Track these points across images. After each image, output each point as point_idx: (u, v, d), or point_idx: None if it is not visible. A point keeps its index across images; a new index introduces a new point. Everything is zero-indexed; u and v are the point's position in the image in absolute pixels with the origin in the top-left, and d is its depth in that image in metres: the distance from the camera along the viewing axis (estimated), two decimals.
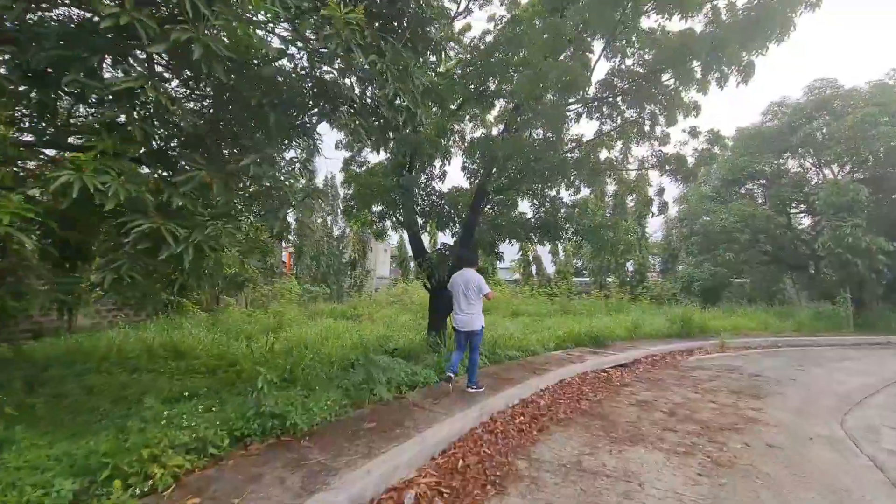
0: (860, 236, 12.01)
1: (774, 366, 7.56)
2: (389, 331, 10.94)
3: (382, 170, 8.52)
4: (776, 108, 15.96)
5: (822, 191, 13.09)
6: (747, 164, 15.53)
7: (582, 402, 5.04)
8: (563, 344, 8.53)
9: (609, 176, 7.84)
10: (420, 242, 8.49)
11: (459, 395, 4.62)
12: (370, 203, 7.97)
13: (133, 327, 9.61)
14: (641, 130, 7.28)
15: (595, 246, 6.84)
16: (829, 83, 14.48)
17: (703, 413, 4.63)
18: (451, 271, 7.82)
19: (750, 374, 6.83)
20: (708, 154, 6.86)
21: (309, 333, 10.05)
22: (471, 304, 4.91)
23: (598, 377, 6.42)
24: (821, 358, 8.57)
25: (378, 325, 12.41)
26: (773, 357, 8.60)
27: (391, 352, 7.66)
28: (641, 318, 11.21)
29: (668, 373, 6.84)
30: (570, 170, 6.35)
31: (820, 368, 7.37)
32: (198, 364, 6.27)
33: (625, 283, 25.14)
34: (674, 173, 6.89)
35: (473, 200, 7.86)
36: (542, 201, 7.87)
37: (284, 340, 9.06)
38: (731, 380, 6.35)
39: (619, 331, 9.94)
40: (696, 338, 10.39)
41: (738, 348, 9.76)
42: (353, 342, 8.55)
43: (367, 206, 8.16)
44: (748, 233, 14.53)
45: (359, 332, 10.49)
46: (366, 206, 8.26)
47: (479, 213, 8.11)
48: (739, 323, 11.94)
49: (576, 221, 6.90)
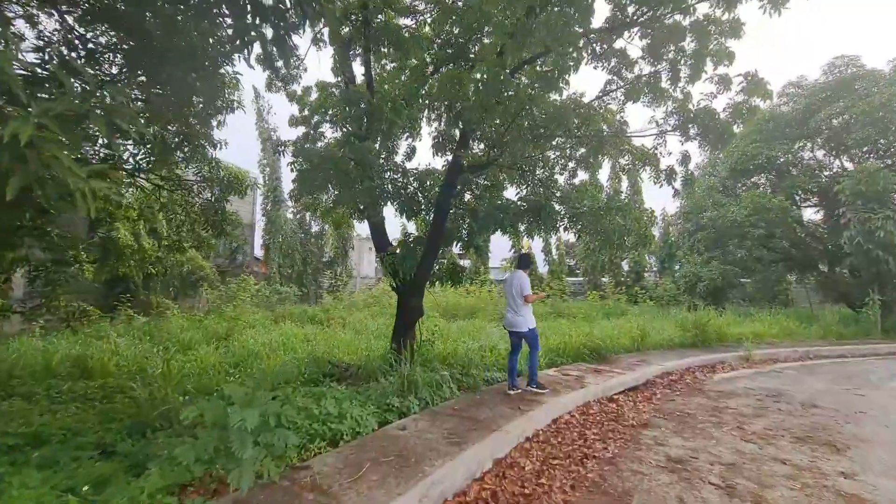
0: (893, 230, 10.53)
1: (823, 388, 5.98)
2: (358, 338, 9.28)
3: (337, 146, 6.83)
4: (792, 88, 14.48)
5: (847, 179, 11.59)
6: (759, 152, 14.03)
7: (587, 462, 3.37)
8: (557, 359, 6.87)
9: (617, 148, 6.19)
10: (382, 233, 6.81)
11: (396, 468, 2.91)
12: (313, 183, 6.22)
13: (54, 336, 7.88)
14: (657, 87, 5.65)
15: (599, 236, 5.18)
16: (851, 61, 13.00)
17: (775, 487, 2.98)
18: (420, 267, 6.16)
19: (801, 402, 5.23)
20: (746, 107, 5.22)
21: (262, 342, 8.40)
22: (516, 304, 5.01)
23: (604, 410, 4.76)
24: (869, 374, 7.02)
25: (347, 330, 10.76)
26: (813, 374, 7.03)
27: (341, 371, 5.98)
28: (647, 324, 9.61)
29: (695, 402, 5.20)
30: (571, 118, 4.66)
31: (879, 391, 5.80)
32: (102, 386, 5.05)
33: (620, 283, 23.69)
34: (702, 135, 5.25)
35: (446, 178, 6.18)
36: (531, 179, 6.21)
37: (223, 353, 7.39)
38: (782, 414, 4.73)
39: (623, 340, 8.32)
40: (714, 348, 8.81)
41: (765, 361, 8.20)
42: (304, 354, 6.89)
43: (312, 187, 6.39)
44: (763, 227, 13.02)
45: (319, 341, 8.82)
46: (311, 188, 6.48)
47: (452, 195, 6.45)
48: (759, 330, 10.40)
49: (573, 203, 5.22)
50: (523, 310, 4.98)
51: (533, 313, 5.09)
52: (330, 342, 8.63)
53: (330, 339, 9.09)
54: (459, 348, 7.01)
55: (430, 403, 4.44)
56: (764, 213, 13.13)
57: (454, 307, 16.90)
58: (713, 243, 14.28)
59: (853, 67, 12.92)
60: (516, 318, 5.00)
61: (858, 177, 11.22)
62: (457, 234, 6.48)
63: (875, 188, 10.89)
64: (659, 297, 17.71)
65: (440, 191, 6.50)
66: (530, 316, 5.01)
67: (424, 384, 4.59)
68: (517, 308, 5.00)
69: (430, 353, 6.68)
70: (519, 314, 4.98)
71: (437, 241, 6.43)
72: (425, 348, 7.04)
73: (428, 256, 6.39)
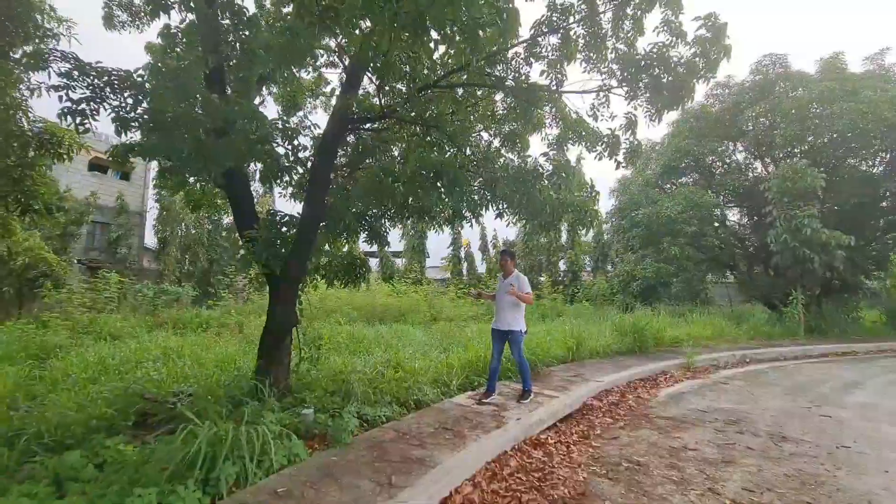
0: (818, 228, 10.42)
1: (782, 407, 5.00)
2: (247, 349, 7.13)
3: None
4: (720, 89, 14.41)
5: (774, 178, 11.44)
6: (691, 148, 13.76)
7: None
8: (474, 379, 5.32)
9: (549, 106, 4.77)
10: (248, 205, 4.93)
11: None
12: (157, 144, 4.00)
13: None
14: (597, 35, 4.31)
15: (524, 211, 3.70)
16: (777, 59, 13.04)
17: None
18: (292, 258, 4.37)
19: (767, 432, 4.11)
20: (706, 62, 4.01)
21: (93, 361, 6.09)
22: (504, 301, 4.67)
23: (525, 466, 3.24)
24: (818, 384, 6.30)
25: (239, 340, 8.54)
26: (762, 386, 6.16)
27: (166, 409, 3.94)
28: (583, 328, 8.48)
29: (645, 438, 3.87)
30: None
31: (844, 411, 4.90)
32: None
33: (558, 282, 23.24)
34: (653, 90, 3.95)
35: (325, 132, 4.45)
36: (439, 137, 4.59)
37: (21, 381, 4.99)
38: (755, 457, 3.52)
39: (556, 348, 7.04)
40: (653, 354, 7.85)
41: (707, 369, 7.33)
42: (131, 382, 4.73)
43: (156, 149, 4.17)
44: (695, 224, 12.65)
45: (187, 356, 6.59)
46: (154, 150, 4.26)
47: (332, 158, 4.72)
48: (694, 331, 9.75)
49: (488, 165, 3.67)
50: (510, 307, 4.66)
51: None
52: (198, 358, 6.46)
53: (203, 352, 6.91)
54: (359, 365, 5.31)
55: (245, 481, 2.64)
56: (696, 209, 12.79)
57: (382, 309, 15.08)
58: (647, 241, 13.79)
59: (780, 67, 12.96)
60: (505, 317, 4.71)
61: (786, 173, 11.05)
62: (344, 215, 4.69)
63: (802, 185, 10.75)
64: (594, 296, 17.17)
65: (317, 151, 4.72)
66: (517, 318, 4.68)
67: (258, 441, 2.79)
68: (504, 306, 4.70)
69: (308, 378, 4.91)
70: (506, 313, 4.70)
71: (314, 222, 4.66)
72: (303, 370, 5.24)
73: (302, 244, 4.60)
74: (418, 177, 3.76)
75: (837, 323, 11.53)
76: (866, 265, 13.11)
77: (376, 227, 5.29)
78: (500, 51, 4.40)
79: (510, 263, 4.80)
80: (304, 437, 3.47)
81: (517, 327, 4.66)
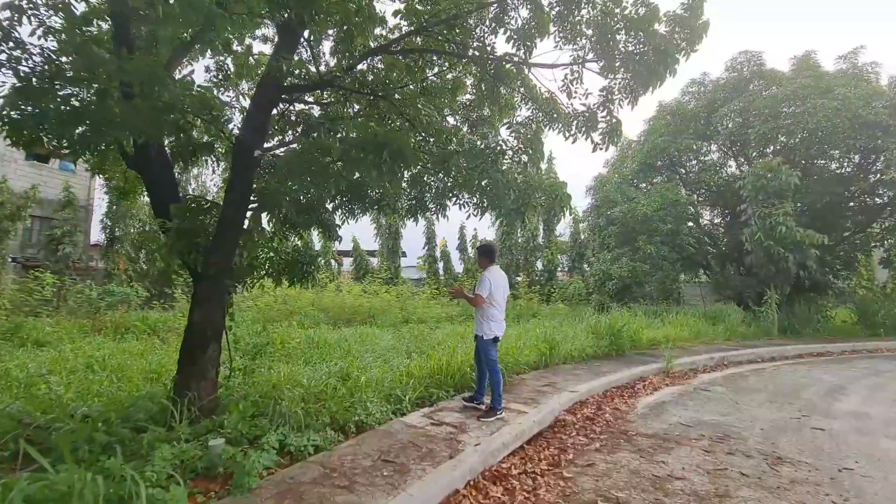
0: (793, 226, 10.26)
1: (770, 419, 4.56)
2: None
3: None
4: (696, 86, 14.26)
5: (750, 175, 11.26)
6: (668, 145, 13.53)
7: None
8: (435, 391, 4.66)
9: (518, 83, 4.16)
10: (168, 189, 4.16)
11: None
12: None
13: None
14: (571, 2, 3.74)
15: (486, 196, 3.07)
16: (752, 57, 12.93)
17: None
18: (215, 252, 3.64)
19: (760, 450, 3.62)
20: (688, 34, 3.48)
21: (2, 371, 5.19)
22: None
23: None
24: (802, 389, 5.95)
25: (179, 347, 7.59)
26: (746, 394, 5.74)
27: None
28: (557, 330, 7.96)
29: (624, 465, 3.31)
30: None
31: (836, 421, 4.49)
32: None
33: (534, 282, 22.87)
34: (628, 66, 3.39)
35: (252, 100, 3.72)
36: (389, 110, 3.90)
37: None
38: (751, 487, 3.00)
39: (528, 352, 6.47)
40: (630, 358, 7.39)
41: (686, 373, 6.91)
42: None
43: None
44: (671, 222, 12.39)
45: (116, 366, 5.69)
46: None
47: (261, 131, 4.01)
48: (670, 333, 9.40)
49: (440, 139, 3.02)
50: (481, 311, 4.21)
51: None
52: (124, 370, 5.58)
53: (134, 361, 6.03)
54: (305, 377, 4.57)
55: None
56: (672, 207, 12.56)
57: (351, 310, 14.27)
58: (623, 239, 13.48)
59: (755, 65, 12.86)
60: (477, 321, 4.33)
61: (760, 170, 10.88)
62: (280, 202, 3.94)
63: (776, 182, 10.59)
64: (570, 296, 16.83)
65: (242, 124, 3.98)
66: (481, 320, 4.21)
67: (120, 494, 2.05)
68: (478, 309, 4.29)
69: (239, 394, 4.17)
70: (477, 316, 4.31)
71: (239, 208, 3.93)
72: (234, 384, 4.51)
73: (226, 235, 3.87)
74: (358, 150, 3.07)
75: (809, 322, 11.46)
76: (835, 265, 13.19)
77: (324, 217, 4.59)
78: (463, 14, 3.77)
79: (483, 261, 4.28)
80: (204, 477, 2.74)
81: (479, 332, 4.15)
